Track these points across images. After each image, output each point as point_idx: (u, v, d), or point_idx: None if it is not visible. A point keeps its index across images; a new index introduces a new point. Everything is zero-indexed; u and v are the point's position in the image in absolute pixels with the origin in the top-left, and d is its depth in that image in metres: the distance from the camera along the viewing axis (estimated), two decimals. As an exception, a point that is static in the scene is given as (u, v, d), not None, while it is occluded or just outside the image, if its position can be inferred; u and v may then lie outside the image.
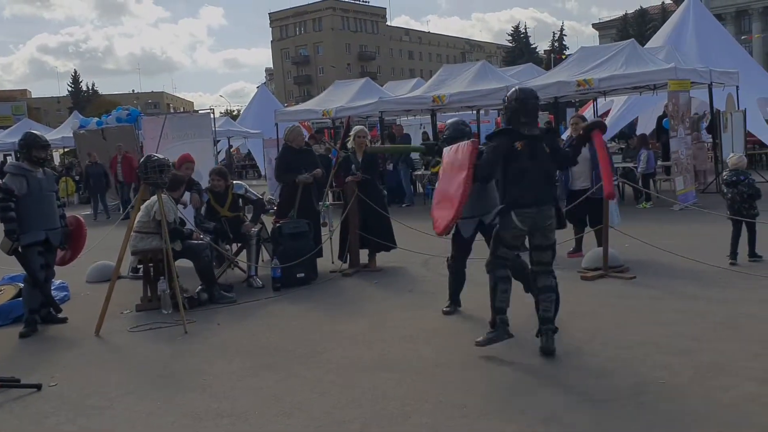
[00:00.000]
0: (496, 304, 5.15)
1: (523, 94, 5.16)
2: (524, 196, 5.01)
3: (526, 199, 5.02)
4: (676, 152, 12.28)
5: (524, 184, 5.01)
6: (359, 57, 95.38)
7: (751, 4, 75.48)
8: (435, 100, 14.79)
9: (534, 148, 5.07)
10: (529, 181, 5.01)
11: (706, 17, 19.27)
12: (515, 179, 5.03)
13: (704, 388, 4.15)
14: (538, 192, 5.05)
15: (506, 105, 5.22)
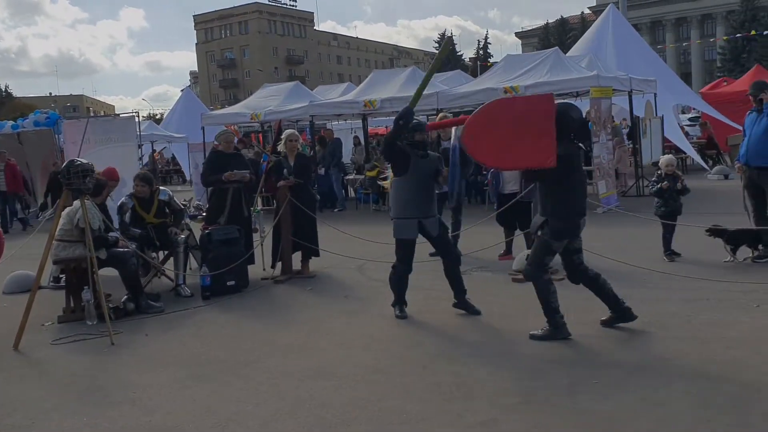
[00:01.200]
0: (552, 305, 5.32)
1: (581, 113, 5.49)
2: (581, 205, 5.36)
3: (582, 208, 5.39)
4: (598, 157, 12.67)
5: (580, 194, 5.37)
6: (287, 61, 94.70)
7: (665, 15, 79.09)
8: (366, 105, 14.80)
9: (581, 160, 5.46)
10: (582, 190, 5.43)
11: (624, 27, 20.02)
12: (576, 189, 5.30)
13: (637, 388, 4.27)
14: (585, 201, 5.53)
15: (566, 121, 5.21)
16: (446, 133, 9.23)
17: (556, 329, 5.29)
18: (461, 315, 6.27)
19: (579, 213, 5.34)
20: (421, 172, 6.23)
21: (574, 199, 5.28)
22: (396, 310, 6.38)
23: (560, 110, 5.21)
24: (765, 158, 7.17)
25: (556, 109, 5.17)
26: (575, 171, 5.33)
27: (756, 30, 48.08)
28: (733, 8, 69.01)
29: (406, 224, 6.20)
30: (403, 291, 6.40)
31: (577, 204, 5.32)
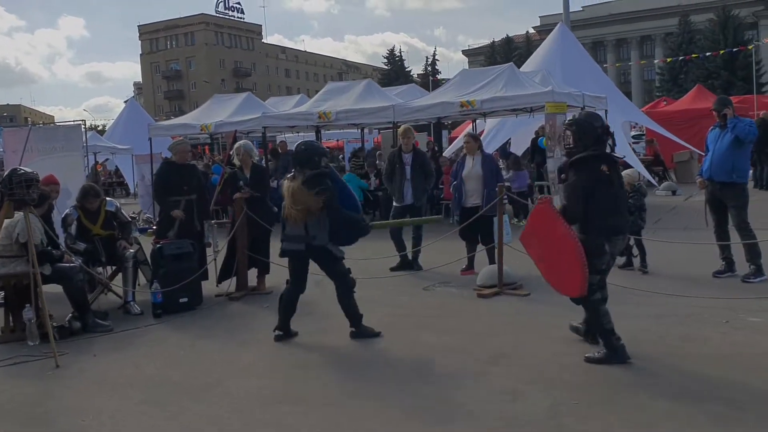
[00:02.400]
0: (606, 327, 4.94)
1: (602, 120, 5.17)
2: (619, 222, 5.01)
3: (621, 226, 5.05)
4: (553, 172, 12.72)
5: (618, 210, 4.98)
6: (234, 73, 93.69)
7: (606, 36, 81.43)
8: (321, 117, 14.54)
9: (617, 173, 5.07)
10: (621, 206, 5.06)
11: (573, 45, 20.32)
12: (609, 206, 4.91)
13: (622, 408, 4.13)
14: (626, 217, 5.26)
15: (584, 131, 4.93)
16: (407, 146, 9.07)
17: (614, 352, 4.88)
18: (431, 332, 6.06)
19: (618, 231, 4.99)
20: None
21: (611, 217, 4.90)
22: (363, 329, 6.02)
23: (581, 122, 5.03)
24: (728, 173, 7.22)
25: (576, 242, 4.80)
26: (605, 185, 4.89)
27: (695, 52, 49.80)
28: (671, 30, 71.51)
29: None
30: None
31: (618, 221, 4.97)
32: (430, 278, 8.36)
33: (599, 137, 4.91)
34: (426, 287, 7.92)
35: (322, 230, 5.82)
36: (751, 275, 7.17)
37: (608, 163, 4.93)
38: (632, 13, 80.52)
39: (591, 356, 4.96)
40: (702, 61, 55.87)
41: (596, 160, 4.89)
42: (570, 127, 5.02)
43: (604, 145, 4.92)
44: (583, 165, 4.90)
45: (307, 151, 5.94)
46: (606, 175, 4.89)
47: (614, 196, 4.95)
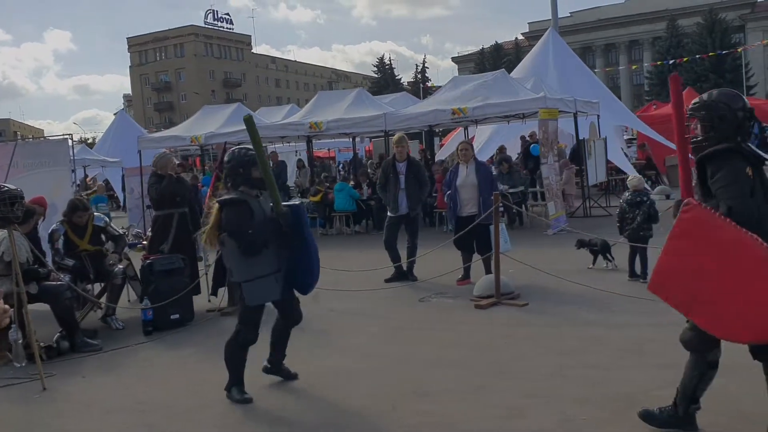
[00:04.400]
0: (695, 393, 3.78)
1: (744, 101, 3.67)
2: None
3: None
4: (547, 178, 12.63)
5: (762, 235, 3.33)
6: (224, 84, 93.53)
7: (595, 42, 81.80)
8: (312, 127, 14.42)
9: (764, 180, 3.58)
10: (766, 229, 3.40)
11: (564, 50, 20.32)
12: (750, 226, 3.38)
13: (631, 423, 3.98)
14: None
15: (722, 114, 3.59)
16: (401, 155, 8.93)
17: (682, 418, 3.81)
18: (428, 346, 5.91)
19: None
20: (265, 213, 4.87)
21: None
22: (234, 393, 4.88)
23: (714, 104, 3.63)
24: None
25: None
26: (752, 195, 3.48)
27: (683, 56, 50.01)
28: (659, 35, 71.89)
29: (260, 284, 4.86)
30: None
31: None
32: (425, 289, 8.21)
33: (741, 125, 3.58)
34: (422, 298, 7.78)
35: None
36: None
37: (752, 164, 3.54)
38: (620, 18, 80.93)
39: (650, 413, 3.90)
40: (690, 64, 56.16)
41: (737, 156, 3.51)
42: (697, 111, 3.67)
43: (747, 136, 3.62)
44: (726, 157, 3.51)
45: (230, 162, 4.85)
46: (750, 180, 3.49)
47: (760, 212, 3.47)
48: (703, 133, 3.63)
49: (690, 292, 3.45)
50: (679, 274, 3.49)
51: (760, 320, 3.23)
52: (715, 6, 68.22)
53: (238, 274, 4.77)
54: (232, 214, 4.65)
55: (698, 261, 3.41)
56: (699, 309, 3.46)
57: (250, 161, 4.72)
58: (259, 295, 4.79)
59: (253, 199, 4.77)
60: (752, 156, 3.55)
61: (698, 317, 3.49)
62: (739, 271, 3.28)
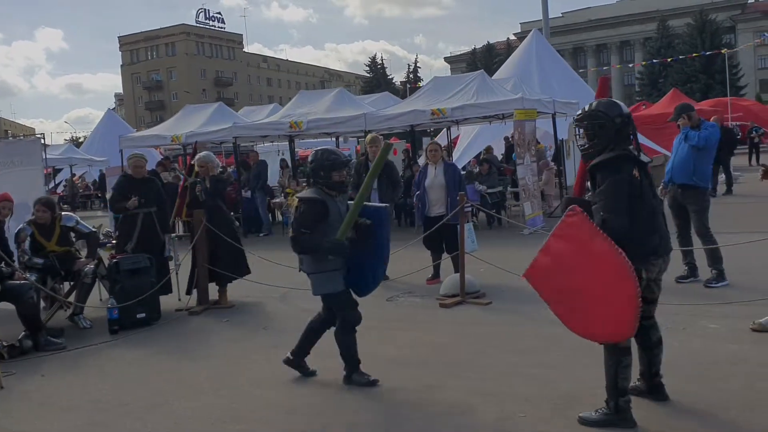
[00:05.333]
0: (619, 384, 3.90)
1: (626, 109, 4.01)
2: (660, 242, 3.93)
3: (662, 247, 3.95)
4: (523, 179, 12.70)
5: (656, 226, 3.92)
6: (215, 83, 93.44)
7: (586, 42, 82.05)
8: (292, 126, 14.45)
9: (650, 179, 4.01)
10: (659, 221, 3.96)
11: (547, 51, 20.40)
12: (642, 220, 3.86)
13: (566, 420, 4.04)
14: (666, 237, 4.02)
15: (601, 122, 3.92)
16: (375, 154, 8.96)
17: (616, 413, 3.90)
18: (391, 345, 5.95)
19: (658, 253, 3.94)
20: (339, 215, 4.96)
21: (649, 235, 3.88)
22: (356, 378, 4.99)
23: (594, 114, 3.95)
24: (688, 176, 7.25)
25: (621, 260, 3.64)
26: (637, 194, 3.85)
27: (673, 56, 50.24)
28: (650, 35, 72.14)
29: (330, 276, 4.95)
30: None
31: (658, 240, 3.92)
32: (395, 288, 8.26)
33: (619, 130, 3.90)
34: (389, 298, 7.83)
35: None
36: (712, 280, 7.14)
37: (638, 166, 3.90)
38: (611, 19, 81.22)
39: (587, 416, 3.97)
40: (681, 64, 56.40)
41: (626, 161, 3.86)
42: (581, 121, 4.01)
43: (628, 140, 3.92)
44: (613, 166, 3.83)
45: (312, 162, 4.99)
46: (638, 182, 3.87)
47: (649, 208, 3.91)
48: (588, 140, 3.98)
49: (557, 289, 3.88)
50: (552, 271, 3.89)
51: (608, 328, 3.77)
52: (705, 7, 68.52)
53: (308, 265, 4.95)
54: (304, 210, 4.83)
55: (570, 263, 3.80)
56: (562, 304, 3.90)
57: (332, 165, 4.88)
58: (323, 286, 4.94)
59: (331, 199, 4.91)
60: (637, 159, 3.91)
61: (560, 310, 3.93)
62: (601, 282, 3.68)
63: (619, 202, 3.76)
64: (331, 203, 4.87)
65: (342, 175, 4.88)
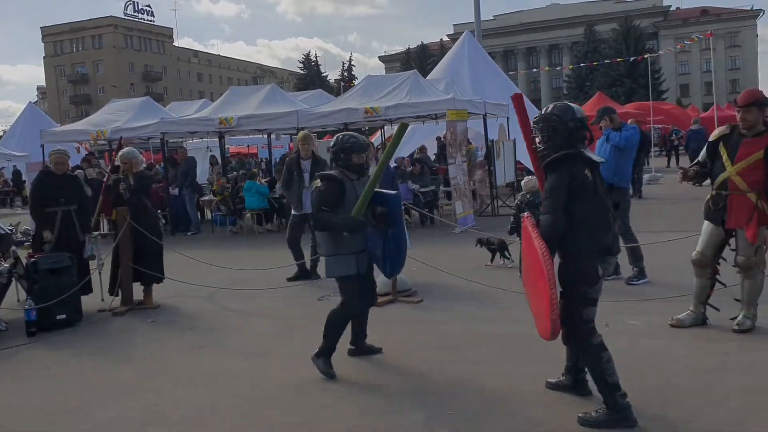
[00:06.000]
0: (608, 381, 3.88)
1: (580, 112, 4.09)
2: (614, 240, 4.06)
3: (615, 245, 4.09)
4: (454, 178, 12.84)
5: (606, 224, 4.00)
6: (144, 77, 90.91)
7: (517, 45, 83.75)
8: (222, 123, 14.18)
9: (601, 179, 4.12)
10: (608, 219, 4.02)
11: (479, 53, 20.67)
12: (599, 219, 3.95)
13: (493, 417, 4.10)
14: (615, 233, 4.16)
15: (554, 125, 4.00)
16: (306, 152, 8.90)
17: (617, 413, 3.85)
18: (316, 345, 5.87)
19: (611, 251, 4.03)
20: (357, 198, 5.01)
21: (602, 232, 3.94)
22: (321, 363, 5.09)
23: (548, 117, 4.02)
24: (609, 176, 7.42)
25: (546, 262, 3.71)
26: (590, 193, 3.93)
27: (598, 61, 51.83)
28: (578, 40, 74.25)
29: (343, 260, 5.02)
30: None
31: (609, 238, 4.00)
32: (326, 287, 8.16)
33: (572, 133, 3.99)
34: (321, 297, 7.75)
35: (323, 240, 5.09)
36: (633, 278, 7.38)
37: (590, 166, 4.02)
38: (541, 23, 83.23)
39: (587, 417, 3.92)
40: (606, 69, 58.24)
41: (575, 160, 3.95)
42: (537, 124, 4.09)
43: (581, 142, 4.02)
44: (559, 167, 3.93)
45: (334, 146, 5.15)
46: (590, 181, 3.97)
47: (603, 207, 4.00)
48: (543, 143, 4.07)
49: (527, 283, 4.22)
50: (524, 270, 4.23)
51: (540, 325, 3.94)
52: (630, 13, 71.02)
53: (324, 247, 5.08)
54: (324, 188, 4.96)
55: (525, 263, 4.15)
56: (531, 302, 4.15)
57: (351, 147, 5.03)
58: (336, 269, 5.03)
59: (349, 181, 5.01)
60: (589, 159, 4.02)
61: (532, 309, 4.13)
62: (535, 283, 3.87)
63: (557, 203, 3.85)
64: (348, 185, 4.99)
65: (361, 157, 5.06)
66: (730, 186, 5.43)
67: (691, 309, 5.78)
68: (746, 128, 5.37)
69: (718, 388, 4.34)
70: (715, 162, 5.59)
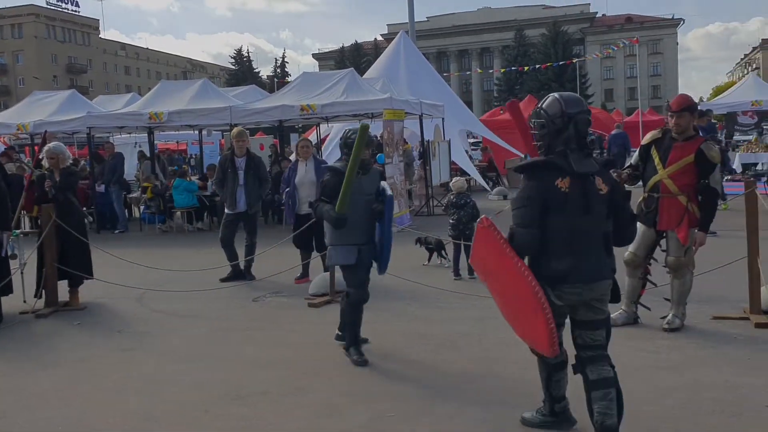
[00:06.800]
0: (552, 393, 3.73)
1: (573, 106, 3.49)
2: (572, 269, 3.38)
3: (574, 275, 3.39)
4: (391, 177, 12.84)
5: (573, 250, 3.39)
6: (68, 69, 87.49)
7: (449, 47, 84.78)
8: (152, 117, 13.73)
9: (587, 192, 3.42)
10: (580, 244, 3.40)
11: (414, 53, 20.76)
12: (559, 241, 3.39)
13: (434, 417, 4.07)
14: (593, 262, 3.43)
15: (539, 122, 3.55)
16: (241, 149, 8.70)
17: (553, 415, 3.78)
18: (254, 346, 5.77)
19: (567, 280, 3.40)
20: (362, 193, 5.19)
21: (559, 259, 3.40)
22: (352, 353, 5.18)
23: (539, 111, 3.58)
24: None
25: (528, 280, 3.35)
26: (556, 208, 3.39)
27: (528, 64, 52.99)
28: (508, 44, 75.76)
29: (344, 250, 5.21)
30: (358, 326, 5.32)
31: (569, 267, 3.39)
32: (262, 288, 8.06)
33: (560, 131, 3.45)
34: (256, 298, 7.61)
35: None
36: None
37: (573, 176, 3.40)
38: (473, 26, 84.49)
39: (528, 418, 3.87)
40: (536, 73, 59.65)
41: (545, 169, 3.44)
42: (530, 120, 3.67)
43: (572, 142, 3.45)
44: (529, 173, 3.50)
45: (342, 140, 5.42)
46: (562, 194, 3.39)
47: (571, 226, 3.39)
48: (537, 140, 3.61)
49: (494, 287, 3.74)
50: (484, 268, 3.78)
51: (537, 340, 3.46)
52: (558, 19, 72.92)
53: (328, 238, 5.31)
54: (326, 180, 5.24)
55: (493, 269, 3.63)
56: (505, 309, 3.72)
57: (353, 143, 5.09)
58: (335, 258, 5.30)
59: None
60: (569, 168, 3.41)
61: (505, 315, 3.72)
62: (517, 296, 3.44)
63: (526, 215, 3.40)
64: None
65: (366, 152, 5.22)
66: (662, 189, 5.59)
67: (623, 308, 5.91)
68: (678, 133, 5.53)
69: (652, 386, 4.44)
70: (647, 165, 5.73)
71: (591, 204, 3.40)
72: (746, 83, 24.48)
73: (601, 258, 3.47)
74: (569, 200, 3.37)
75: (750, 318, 5.77)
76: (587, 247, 3.42)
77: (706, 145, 5.47)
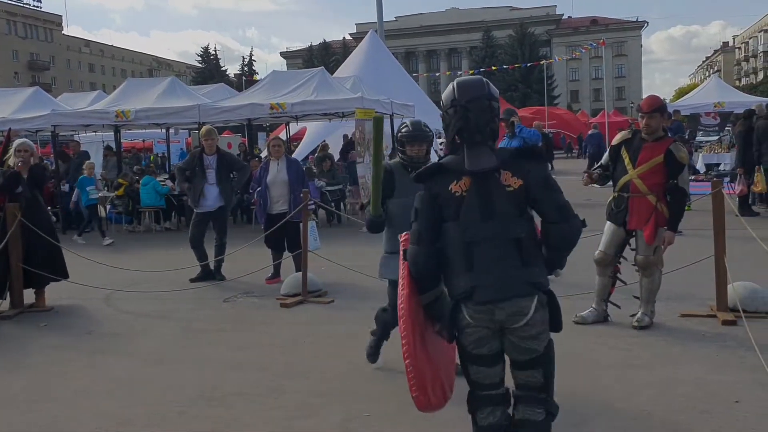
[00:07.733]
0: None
1: (466, 93, 2.88)
2: (475, 286, 2.80)
3: (478, 292, 2.79)
4: (363, 177, 12.84)
5: (473, 264, 2.81)
6: (30, 66, 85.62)
7: (418, 47, 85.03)
8: (119, 116, 13.52)
9: (488, 193, 2.84)
10: (481, 256, 2.81)
11: (383, 53, 20.82)
12: (458, 255, 2.84)
13: (411, 417, 4.07)
14: (497, 275, 2.79)
15: (442, 115, 2.99)
16: (210, 148, 8.61)
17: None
18: (225, 348, 5.71)
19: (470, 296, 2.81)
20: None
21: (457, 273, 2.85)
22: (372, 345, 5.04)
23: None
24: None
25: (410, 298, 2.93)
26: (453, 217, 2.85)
27: (496, 65, 53.35)
28: (476, 45, 76.25)
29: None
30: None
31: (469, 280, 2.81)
32: (233, 289, 7.99)
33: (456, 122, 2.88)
34: (226, 299, 7.54)
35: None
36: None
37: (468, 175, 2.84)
38: (441, 26, 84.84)
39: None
40: (503, 74, 60.11)
41: (441, 173, 2.92)
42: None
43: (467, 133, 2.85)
44: (423, 180, 2.96)
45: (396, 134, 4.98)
46: (456, 199, 2.85)
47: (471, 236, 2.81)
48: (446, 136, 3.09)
49: None
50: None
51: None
52: (525, 21, 73.59)
53: (384, 244, 4.85)
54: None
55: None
56: None
57: (403, 138, 4.70)
58: (391, 270, 4.39)
59: (405, 172, 4.56)
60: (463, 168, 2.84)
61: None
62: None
63: (415, 231, 2.93)
64: (399, 176, 4.61)
65: (414, 149, 4.64)
66: (632, 188, 5.67)
67: (593, 306, 6.00)
68: (648, 133, 5.62)
69: (623, 383, 4.51)
70: (617, 165, 5.82)
71: (492, 206, 2.80)
72: (709, 85, 25.03)
73: (511, 270, 2.78)
74: (464, 205, 2.83)
75: (717, 315, 5.89)
76: (490, 259, 2.80)
77: (675, 146, 5.57)
